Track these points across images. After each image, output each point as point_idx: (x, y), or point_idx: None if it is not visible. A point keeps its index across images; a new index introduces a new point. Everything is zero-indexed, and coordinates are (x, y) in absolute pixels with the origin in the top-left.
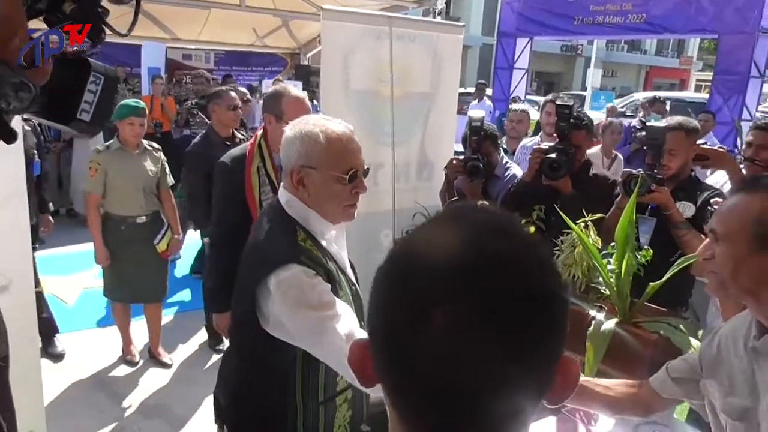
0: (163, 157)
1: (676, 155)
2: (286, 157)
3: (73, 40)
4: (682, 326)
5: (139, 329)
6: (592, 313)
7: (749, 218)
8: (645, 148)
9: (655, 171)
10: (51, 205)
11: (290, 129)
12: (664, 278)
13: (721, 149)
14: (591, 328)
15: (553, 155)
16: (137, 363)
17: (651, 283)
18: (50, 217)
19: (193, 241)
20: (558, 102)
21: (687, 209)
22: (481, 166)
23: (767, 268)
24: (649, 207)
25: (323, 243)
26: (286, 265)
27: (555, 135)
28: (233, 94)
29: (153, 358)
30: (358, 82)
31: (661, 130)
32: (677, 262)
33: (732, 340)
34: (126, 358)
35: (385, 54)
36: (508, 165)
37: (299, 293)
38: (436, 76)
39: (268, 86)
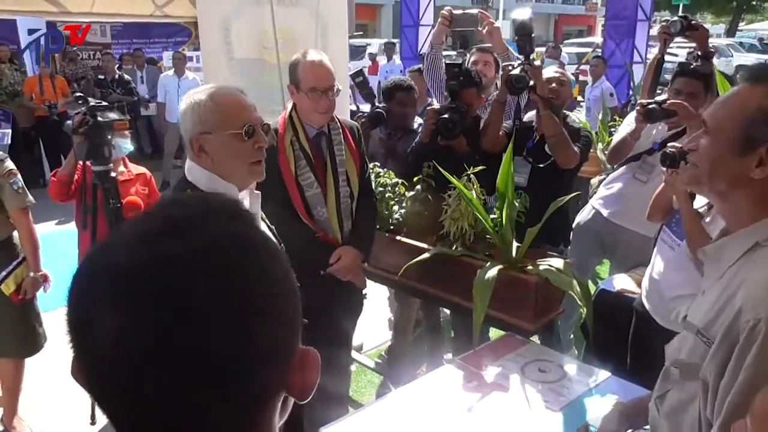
0: (7, 166)
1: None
2: (185, 131)
3: (73, 39)
4: (562, 266)
5: None
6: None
7: (742, 115)
8: (516, 39)
9: (531, 59)
10: None
11: (183, 105)
12: (542, 222)
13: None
14: (476, 277)
15: (447, 115)
16: None
17: (529, 229)
18: None
19: None
20: (447, 61)
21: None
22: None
23: (743, 172)
24: (526, 147)
25: None
26: None
27: (446, 94)
28: None
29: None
30: (242, 50)
31: (525, 21)
32: (550, 206)
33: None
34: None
35: (267, 20)
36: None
37: None
38: (322, 39)
39: (168, 58)
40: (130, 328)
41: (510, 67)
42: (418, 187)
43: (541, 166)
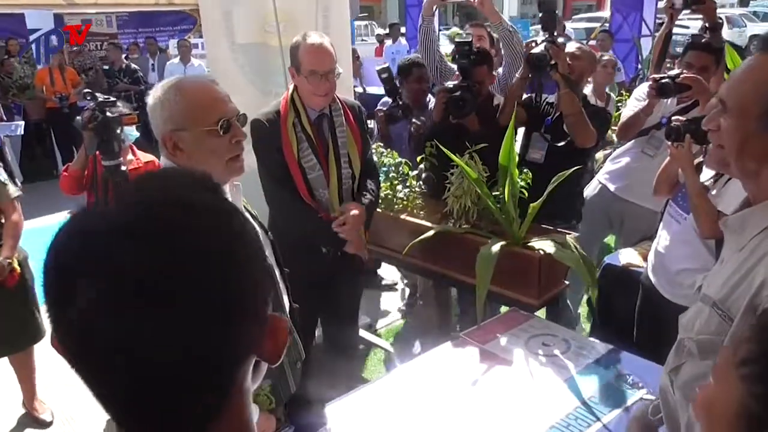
0: None
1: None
2: (155, 127)
3: (73, 39)
4: (566, 242)
5: None
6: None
7: (765, 89)
8: (540, 16)
9: (554, 37)
10: None
11: (151, 99)
12: (543, 197)
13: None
14: (479, 254)
15: (458, 93)
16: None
17: (531, 204)
18: None
19: None
20: (457, 39)
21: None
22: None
23: None
24: (544, 124)
25: None
26: None
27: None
28: None
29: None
30: (244, 34)
31: None
32: (552, 180)
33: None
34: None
35: (269, 3)
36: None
37: None
38: (324, 21)
39: (174, 46)
40: (102, 290)
41: (533, 44)
42: (421, 165)
43: (558, 144)
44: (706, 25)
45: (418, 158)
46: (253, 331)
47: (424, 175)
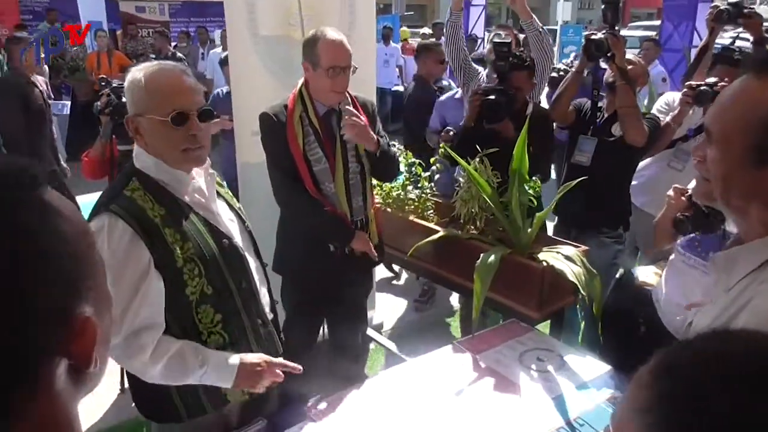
0: None
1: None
2: (128, 109)
3: (73, 39)
4: (573, 255)
5: None
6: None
7: (754, 119)
8: (603, 6)
9: (615, 29)
10: None
11: (126, 82)
12: (550, 207)
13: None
14: (479, 261)
15: (493, 97)
16: None
17: (537, 214)
18: None
19: None
20: (496, 39)
21: None
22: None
23: (762, 185)
24: (592, 127)
25: (175, 193)
26: (98, 215)
27: (495, 75)
28: None
29: None
30: (267, 27)
31: None
32: (566, 184)
33: None
34: None
35: None
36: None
37: (100, 242)
38: (350, 17)
39: (219, 36)
40: None
41: (592, 34)
42: (434, 167)
43: (609, 139)
44: (753, 39)
45: (431, 159)
46: (49, 331)
47: (436, 177)
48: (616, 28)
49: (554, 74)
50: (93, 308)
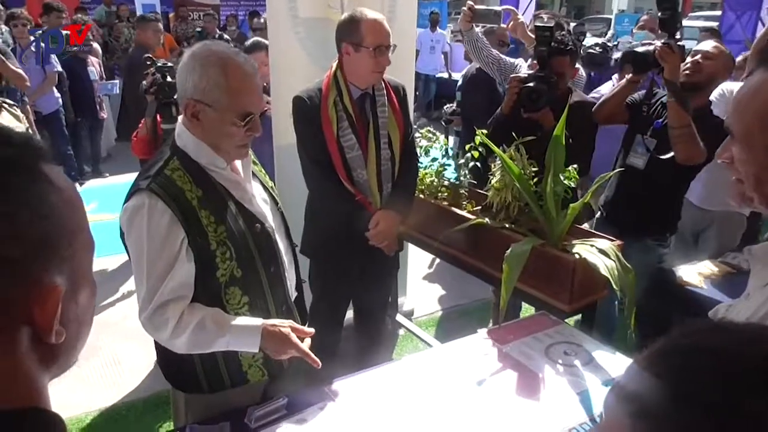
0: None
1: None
2: (182, 86)
3: (73, 39)
4: (608, 248)
5: None
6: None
7: None
8: (660, 14)
9: (675, 38)
10: None
11: (190, 56)
12: (585, 197)
13: None
14: (509, 250)
15: (532, 84)
16: None
17: (571, 205)
18: None
19: None
20: (537, 23)
21: None
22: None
23: None
24: (652, 127)
25: (213, 174)
26: (138, 192)
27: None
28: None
29: None
30: (307, 9)
31: None
32: (602, 175)
33: None
34: None
35: None
36: None
37: (138, 220)
38: (390, 1)
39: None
40: None
41: (649, 44)
42: (468, 154)
43: (661, 157)
44: None
45: (467, 146)
46: (8, 286)
47: (470, 165)
48: (677, 37)
49: (593, 51)
50: (67, 282)
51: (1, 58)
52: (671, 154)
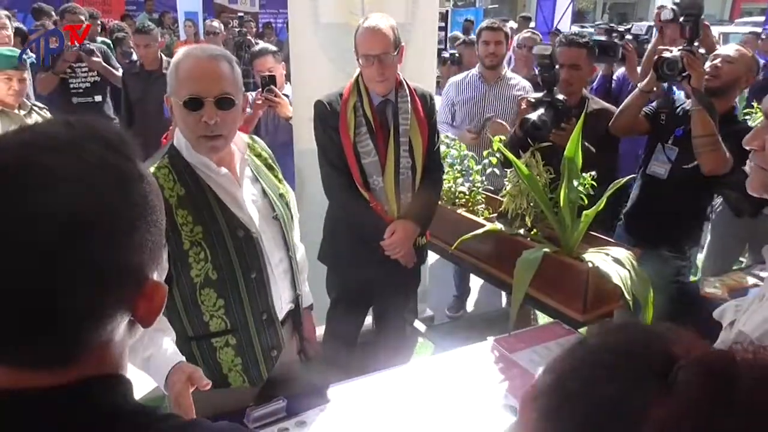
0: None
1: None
2: None
3: (73, 39)
4: (623, 257)
5: None
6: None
7: None
8: (682, 19)
9: (694, 45)
10: None
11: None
12: (598, 205)
13: None
14: (521, 257)
15: (535, 117)
16: None
17: (585, 212)
18: None
19: None
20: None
21: None
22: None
23: None
24: (673, 135)
25: (201, 175)
26: None
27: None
28: None
29: None
30: (328, 14)
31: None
32: (610, 186)
33: None
34: None
35: None
36: None
37: None
38: (413, 6)
39: None
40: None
41: (668, 51)
42: (485, 161)
43: (685, 167)
44: None
45: (485, 152)
46: (120, 291)
47: (488, 171)
48: (696, 44)
49: (599, 39)
50: (159, 278)
51: (99, 59)
52: (695, 163)
